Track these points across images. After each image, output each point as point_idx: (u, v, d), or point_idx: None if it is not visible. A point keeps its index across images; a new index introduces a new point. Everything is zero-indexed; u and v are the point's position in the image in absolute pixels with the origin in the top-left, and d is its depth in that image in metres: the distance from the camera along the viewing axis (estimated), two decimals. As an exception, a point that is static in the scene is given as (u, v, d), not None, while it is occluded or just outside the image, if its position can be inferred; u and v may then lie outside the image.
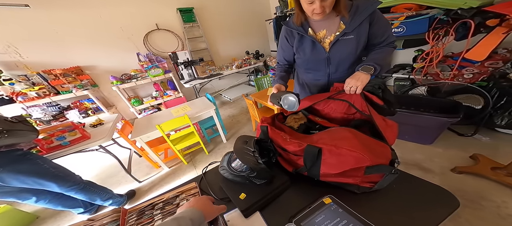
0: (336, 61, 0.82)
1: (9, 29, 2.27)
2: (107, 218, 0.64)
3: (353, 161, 0.48)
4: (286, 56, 0.96)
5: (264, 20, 4.25)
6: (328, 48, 0.80)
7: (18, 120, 1.00)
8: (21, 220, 1.60)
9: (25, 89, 2.25)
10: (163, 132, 1.70)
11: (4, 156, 0.96)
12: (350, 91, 0.70)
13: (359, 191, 0.57)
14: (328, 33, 0.79)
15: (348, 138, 0.51)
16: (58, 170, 1.21)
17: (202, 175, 0.82)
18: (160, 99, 3.14)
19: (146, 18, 3.06)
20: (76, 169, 1.40)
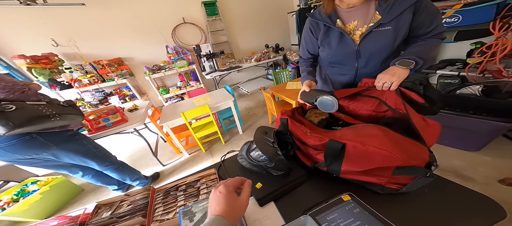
0: (366, 55, 0.75)
1: (70, 25, 2.66)
2: (140, 195, 0.72)
3: (381, 160, 0.45)
4: (311, 49, 0.92)
5: (286, 13, 4.11)
6: (358, 41, 0.73)
7: (68, 104, 1.16)
8: (71, 190, 1.91)
9: (80, 76, 2.66)
10: (186, 119, 1.81)
11: (58, 135, 1.13)
12: (382, 88, 0.64)
13: (383, 192, 0.53)
14: (360, 25, 0.72)
15: (377, 136, 0.47)
16: (99, 150, 1.38)
17: (220, 162, 0.85)
18: (183, 89, 3.35)
19: (174, 13, 3.24)
20: (112, 150, 1.58)
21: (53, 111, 1.03)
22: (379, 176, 0.50)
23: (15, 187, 1.77)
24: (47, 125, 1.02)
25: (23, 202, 1.58)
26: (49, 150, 1.11)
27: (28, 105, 0.97)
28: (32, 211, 1.60)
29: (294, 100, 1.82)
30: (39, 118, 0.97)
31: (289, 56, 4.05)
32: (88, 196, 1.89)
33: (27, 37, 2.50)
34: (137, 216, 0.62)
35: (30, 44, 2.51)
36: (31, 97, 1.02)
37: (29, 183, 1.81)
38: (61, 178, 1.83)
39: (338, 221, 0.48)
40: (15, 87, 0.97)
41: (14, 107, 0.92)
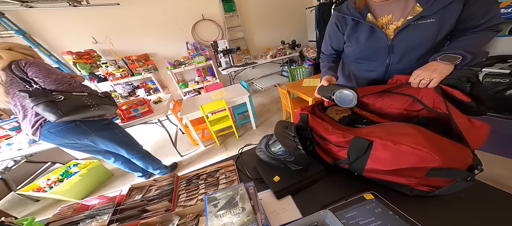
0: (401, 50, 0.69)
1: (106, 23, 2.92)
2: (166, 181, 0.77)
3: (414, 160, 0.42)
4: (335, 45, 0.88)
5: (305, 8, 3.98)
6: (392, 35, 0.68)
7: (105, 95, 1.28)
8: (103, 174, 2.10)
9: (114, 71, 2.94)
10: (204, 112, 1.88)
11: (96, 124, 1.26)
12: (419, 85, 0.58)
13: (412, 194, 0.50)
14: (395, 18, 0.67)
15: (412, 134, 0.44)
16: (128, 139, 1.51)
17: (238, 154, 0.88)
18: (201, 83, 3.47)
19: (194, 10, 3.35)
20: (138, 139, 1.72)
21: (93, 102, 1.13)
22: (409, 177, 0.47)
23: (61, 168, 2.01)
24: (87, 114, 1.13)
25: (66, 182, 1.78)
26: (89, 136, 1.23)
27: (73, 96, 1.07)
28: (72, 191, 1.80)
29: (310, 98, 1.78)
30: (82, 107, 1.08)
31: (306, 53, 3.94)
32: (116, 180, 2.07)
33: (73, 35, 2.81)
34: (164, 200, 0.67)
35: (75, 41, 2.83)
36: (76, 88, 1.12)
37: (71, 165, 2.05)
38: (96, 162, 2.04)
39: (357, 219, 0.46)
40: (64, 80, 1.07)
41: (63, 98, 1.02)
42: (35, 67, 1.01)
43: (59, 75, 1.06)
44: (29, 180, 2.03)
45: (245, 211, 0.47)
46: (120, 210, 0.67)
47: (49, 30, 2.69)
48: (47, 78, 1.01)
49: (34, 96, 0.96)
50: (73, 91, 1.09)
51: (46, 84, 1.02)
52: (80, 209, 0.73)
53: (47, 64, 1.08)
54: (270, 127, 2.52)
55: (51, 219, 0.68)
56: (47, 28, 2.67)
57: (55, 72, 1.06)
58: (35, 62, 1.03)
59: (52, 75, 1.03)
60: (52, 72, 1.04)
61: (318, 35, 3.37)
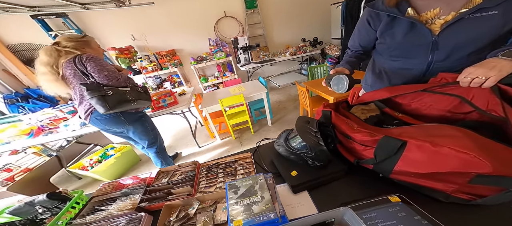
0: (449, 46, 0.62)
1: (143, 21, 3.21)
2: (189, 167, 0.83)
3: (457, 164, 0.37)
4: (363, 41, 0.83)
5: (329, 5, 3.80)
6: (438, 31, 0.62)
7: (143, 90, 1.41)
8: (133, 159, 2.30)
9: (147, 65, 3.25)
10: (222, 106, 1.94)
11: (132, 115, 1.38)
12: (470, 84, 0.52)
13: (447, 201, 0.45)
14: (444, 12, 0.61)
15: (456, 136, 0.40)
16: (153, 132, 1.59)
17: (256, 147, 0.89)
18: (220, 79, 3.59)
19: (218, 7, 3.45)
20: (161, 128, 1.85)
21: (133, 97, 1.27)
22: (447, 182, 0.42)
23: (100, 150, 2.27)
24: (128, 107, 1.28)
25: (104, 163, 1.98)
26: (125, 126, 1.39)
27: (119, 91, 1.22)
28: (107, 172, 1.99)
29: (331, 97, 1.71)
30: (124, 101, 1.23)
31: (328, 51, 3.78)
32: (143, 165, 2.27)
33: (116, 33, 3.18)
34: (186, 185, 0.71)
35: (117, 38, 3.20)
36: (122, 83, 1.25)
37: (109, 148, 2.30)
38: (128, 147, 2.26)
39: (376, 220, 0.44)
40: (113, 76, 1.20)
41: (111, 93, 1.17)
42: (93, 63, 1.14)
43: (110, 71, 1.19)
44: (76, 159, 2.30)
45: (264, 199, 0.48)
46: (149, 191, 0.73)
47: (99, 29, 3.09)
48: (101, 74, 1.15)
49: (91, 90, 1.13)
50: (119, 86, 1.23)
51: (100, 79, 1.17)
52: (118, 186, 0.81)
53: (102, 59, 1.21)
54: (286, 124, 2.49)
55: (94, 193, 0.78)
56: (98, 27, 3.07)
57: (107, 68, 1.19)
58: (93, 58, 1.16)
59: (105, 71, 1.16)
60: (105, 68, 1.17)
61: (344, 32, 3.20)
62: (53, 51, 1.13)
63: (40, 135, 1.79)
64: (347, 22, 3.03)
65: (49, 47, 1.13)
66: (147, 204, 0.67)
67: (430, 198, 0.49)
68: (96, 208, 0.70)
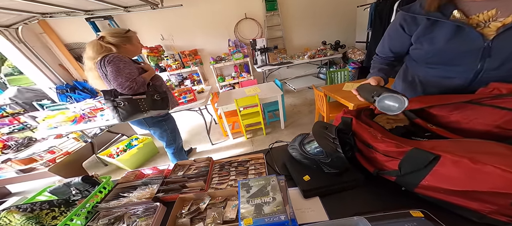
0: (505, 53, 0.55)
1: (171, 22, 3.47)
2: (203, 163, 0.86)
3: (502, 184, 0.33)
4: (396, 47, 0.76)
5: (355, 7, 3.64)
6: (492, 35, 0.55)
7: (161, 97, 1.31)
8: (152, 150, 2.45)
9: (171, 63, 3.50)
10: (237, 105, 1.98)
11: (151, 119, 1.42)
12: None
13: (480, 221, 0.41)
14: (502, 13, 0.53)
15: (502, 155, 0.35)
16: (172, 135, 1.60)
17: (269, 149, 0.89)
18: (236, 79, 3.66)
19: (239, 8, 3.55)
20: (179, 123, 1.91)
21: (146, 107, 1.23)
22: (485, 202, 0.37)
23: (126, 140, 2.48)
24: (140, 117, 1.30)
25: (128, 152, 2.14)
26: (146, 127, 1.48)
27: (132, 101, 1.18)
28: (130, 161, 2.14)
29: (351, 103, 1.62)
30: (136, 113, 1.22)
31: (351, 55, 3.61)
32: (161, 157, 2.42)
33: (149, 33, 3.48)
34: (200, 180, 0.74)
35: (149, 38, 3.50)
36: (138, 89, 1.17)
37: (133, 138, 2.50)
38: (149, 139, 2.42)
39: None
40: (126, 84, 1.11)
41: (122, 104, 1.16)
42: (111, 67, 1.09)
43: (124, 78, 1.11)
44: (106, 147, 2.49)
45: (275, 201, 0.47)
46: (166, 182, 0.77)
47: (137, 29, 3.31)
48: (115, 81, 1.10)
49: (106, 100, 1.16)
50: (134, 95, 1.18)
51: (115, 86, 1.13)
52: (139, 175, 0.87)
53: (123, 61, 1.13)
54: (299, 128, 2.44)
55: (119, 180, 0.85)
56: (136, 27, 3.37)
57: (123, 74, 1.11)
58: (114, 60, 1.10)
59: (119, 78, 1.10)
60: (120, 74, 1.10)
61: (371, 35, 3.03)
62: (97, 46, 1.14)
63: (81, 123, 2.02)
64: (376, 25, 2.85)
65: (94, 41, 1.15)
66: (163, 195, 0.70)
67: (459, 217, 0.44)
68: (119, 195, 0.76)
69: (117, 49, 1.18)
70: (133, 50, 1.27)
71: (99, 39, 1.16)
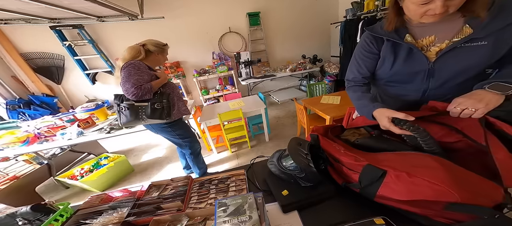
0: (444, 74, 0.64)
1: (152, 34, 3.32)
2: (181, 182, 0.83)
3: (431, 193, 0.40)
4: (368, 68, 0.78)
5: (329, 24, 4.02)
6: (434, 58, 0.64)
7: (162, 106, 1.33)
8: (126, 169, 2.22)
9: None
10: (221, 120, 1.97)
11: (154, 126, 1.44)
12: (461, 115, 0.54)
13: (428, 224, 0.47)
14: (439, 40, 0.62)
15: (432, 168, 0.43)
16: (185, 140, 1.58)
17: (250, 164, 0.91)
18: (221, 92, 3.67)
19: (223, 23, 3.66)
20: (158, 139, 1.84)
21: (144, 115, 1.29)
22: (425, 208, 0.45)
23: (93, 159, 2.24)
24: (137, 123, 1.36)
25: (95, 173, 1.92)
26: (155, 132, 1.51)
27: (134, 107, 1.26)
28: (98, 182, 1.93)
29: (328, 116, 1.74)
30: (134, 120, 1.30)
31: (327, 69, 3.90)
32: (136, 176, 2.24)
33: (126, 44, 3.28)
34: (177, 200, 0.71)
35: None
36: (143, 96, 1.22)
37: (103, 157, 2.27)
38: (123, 157, 2.22)
39: None
40: (129, 91, 1.17)
41: (124, 109, 1.26)
42: (123, 73, 1.18)
43: (129, 84, 1.17)
44: (67, 168, 2.23)
45: (251, 219, 0.49)
46: (138, 204, 0.73)
47: (112, 40, 3.27)
48: (123, 86, 1.18)
49: (114, 103, 1.29)
50: (136, 102, 1.26)
51: (122, 91, 1.21)
52: (106, 199, 0.80)
53: (136, 68, 1.20)
54: (283, 140, 2.50)
55: (81, 206, 0.77)
56: (111, 38, 3.26)
57: (130, 80, 1.17)
58: (129, 67, 1.18)
59: (126, 84, 1.17)
60: (128, 80, 1.17)
61: (343, 51, 3.34)
62: (136, 50, 1.28)
63: (35, 143, 1.79)
64: (345, 41, 3.18)
65: (136, 46, 1.30)
66: (135, 219, 0.66)
67: (413, 222, 0.50)
68: (80, 222, 0.69)
69: (149, 56, 1.34)
70: (161, 60, 1.44)
71: (142, 46, 1.31)
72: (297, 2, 3.86)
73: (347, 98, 1.97)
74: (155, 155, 2.63)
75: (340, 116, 1.71)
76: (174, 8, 3.29)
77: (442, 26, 0.61)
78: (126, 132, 1.80)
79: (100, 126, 1.98)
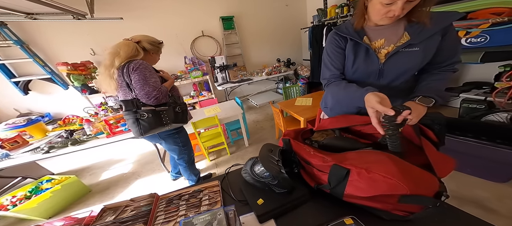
0: (390, 74, 0.74)
1: (108, 36, 2.99)
2: (144, 201, 0.74)
3: (386, 188, 0.44)
4: (338, 62, 0.82)
5: (300, 29, 4.25)
6: (383, 59, 0.73)
7: (182, 109, 1.29)
8: (80, 190, 1.95)
9: None
10: (195, 129, 1.87)
11: (166, 132, 1.33)
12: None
13: (388, 218, 0.51)
14: (387, 43, 0.71)
15: (384, 162, 0.47)
16: (184, 148, 1.50)
17: (224, 174, 0.87)
18: (196, 98, 3.49)
19: (195, 26, 3.51)
20: (125, 153, 1.66)
21: (168, 120, 1.20)
22: (384, 203, 0.48)
23: (31, 184, 1.87)
24: (161, 130, 1.24)
25: (34, 199, 1.64)
26: (158, 140, 1.38)
27: (156, 113, 1.15)
28: (40, 209, 1.65)
29: (302, 117, 1.81)
30: (158, 126, 1.18)
31: (300, 71, 4.10)
32: (94, 197, 1.95)
33: (72, 46, 2.86)
34: (138, 222, 0.62)
35: (73, 52, 2.87)
36: (162, 100, 1.14)
37: (44, 180, 1.91)
38: (73, 178, 1.91)
39: None
40: (152, 94, 1.08)
41: (146, 115, 1.12)
42: (138, 75, 1.05)
43: (151, 87, 1.08)
44: None
45: (222, 238, 0.46)
46: None
47: (49, 41, 2.73)
48: (142, 90, 1.06)
49: (127, 112, 1.11)
50: (157, 106, 1.15)
51: (140, 96, 1.08)
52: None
53: (149, 69, 1.10)
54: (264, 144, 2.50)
55: None
56: (47, 39, 2.71)
57: (150, 82, 1.08)
58: (141, 68, 1.06)
59: (146, 86, 1.06)
60: (147, 82, 1.07)
61: (312, 54, 3.56)
62: (133, 48, 1.11)
63: None
64: (314, 45, 3.41)
65: (131, 43, 1.11)
66: None
67: (377, 217, 0.54)
68: None
69: (145, 56, 1.18)
70: (156, 60, 1.30)
71: (136, 43, 1.14)
72: (269, 8, 3.99)
73: (318, 100, 2.09)
74: (119, 171, 2.35)
75: (313, 116, 1.80)
76: (134, 9, 3.01)
77: (389, 31, 0.70)
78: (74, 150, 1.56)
79: (35, 145, 1.68)
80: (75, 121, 2.27)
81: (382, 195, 0.46)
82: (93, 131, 1.82)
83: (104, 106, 2.94)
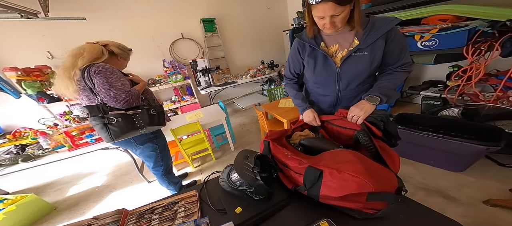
0: (347, 77, 0.79)
1: (68, 38, 2.66)
2: (110, 218, 0.67)
3: (355, 186, 0.46)
4: (296, 69, 0.96)
5: (282, 31, 4.33)
6: (339, 64, 0.78)
7: (157, 111, 1.22)
8: (42, 209, 1.77)
9: None
10: (175, 136, 1.79)
11: (143, 136, 1.25)
12: (352, 120, 0.70)
13: (360, 217, 0.53)
14: (341, 48, 0.77)
15: (352, 162, 0.49)
16: (162, 154, 1.42)
17: (203, 183, 0.83)
18: (177, 103, 3.34)
19: (173, 28, 3.36)
20: (97, 165, 1.52)
21: (142, 123, 1.13)
22: (355, 202, 0.50)
23: None
24: (134, 134, 1.16)
25: None
26: (134, 146, 1.29)
27: (126, 116, 1.07)
28: None
29: (285, 119, 1.84)
30: (131, 130, 1.11)
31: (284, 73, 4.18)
32: (60, 215, 1.77)
33: (23, 49, 2.50)
34: None
35: (25, 56, 2.50)
36: (133, 103, 1.07)
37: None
38: (31, 196, 1.71)
39: None
40: (120, 97, 1.00)
41: (115, 120, 1.04)
42: (101, 78, 0.97)
43: (118, 90, 1.00)
44: None
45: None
46: None
47: None
48: (107, 94, 0.98)
49: (93, 117, 1.03)
50: (128, 110, 1.08)
51: (106, 100, 1.00)
52: None
53: (114, 72, 1.02)
54: (250, 148, 2.49)
55: None
56: None
57: (117, 85, 1.00)
58: (104, 71, 0.98)
59: (112, 90, 0.99)
60: (114, 86, 0.99)
61: (291, 57, 3.66)
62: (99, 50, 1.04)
63: None
64: (294, 48, 3.51)
65: (97, 46, 1.05)
66: None
67: (350, 217, 0.56)
68: None
69: (112, 59, 1.13)
70: (124, 66, 1.24)
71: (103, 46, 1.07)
72: (251, 10, 4.00)
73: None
74: (90, 185, 2.14)
75: (296, 117, 1.83)
76: (99, 9, 2.74)
77: (341, 37, 0.77)
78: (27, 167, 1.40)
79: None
80: (27, 134, 1.99)
81: (352, 194, 0.47)
82: (51, 144, 1.62)
83: (67, 116, 2.62)
